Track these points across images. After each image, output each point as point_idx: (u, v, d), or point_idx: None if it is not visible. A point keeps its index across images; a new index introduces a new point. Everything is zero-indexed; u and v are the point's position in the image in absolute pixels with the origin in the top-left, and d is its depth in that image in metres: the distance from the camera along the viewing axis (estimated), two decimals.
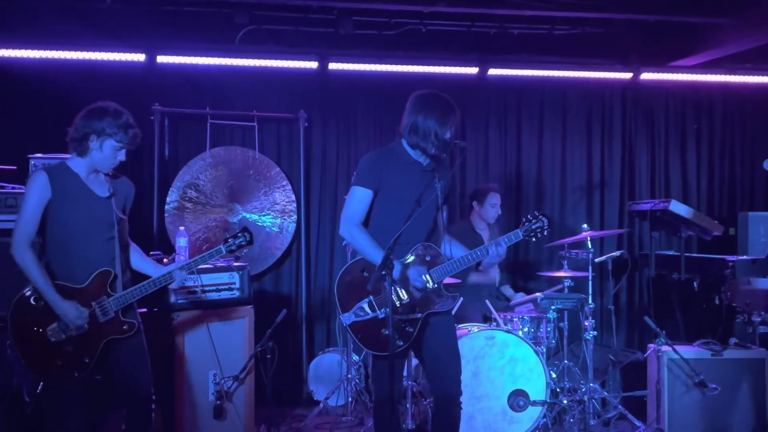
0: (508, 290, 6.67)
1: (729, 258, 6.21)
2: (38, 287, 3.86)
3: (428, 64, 6.76)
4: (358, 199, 4.12)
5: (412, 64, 6.74)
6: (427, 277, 4.05)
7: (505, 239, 4.16)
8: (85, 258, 3.95)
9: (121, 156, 4.01)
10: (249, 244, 4.29)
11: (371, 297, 4.01)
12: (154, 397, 4.12)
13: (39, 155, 5.27)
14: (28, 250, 3.85)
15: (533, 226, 4.20)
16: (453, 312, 4.33)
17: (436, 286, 4.08)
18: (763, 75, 7.22)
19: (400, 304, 4.04)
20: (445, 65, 6.79)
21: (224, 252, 4.24)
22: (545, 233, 4.22)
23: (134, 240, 4.42)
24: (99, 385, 4.12)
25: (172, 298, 5.07)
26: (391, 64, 6.73)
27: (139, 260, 4.30)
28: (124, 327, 4.01)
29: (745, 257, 6.31)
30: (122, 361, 4.03)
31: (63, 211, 3.91)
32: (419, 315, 4.06)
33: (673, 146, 7.55)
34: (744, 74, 7.21)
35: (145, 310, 5.04)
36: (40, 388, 3.97)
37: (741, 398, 5.41)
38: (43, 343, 3.91)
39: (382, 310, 3.92)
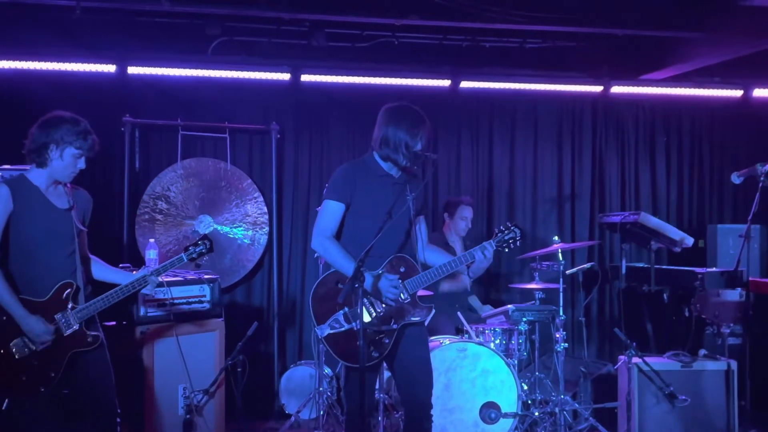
0: (475, 302, 6.66)
1: (698, 270, 6.27)
2: (3, 302, 3.81)
3: (401, 77, 6.79)
4: (330, 212, 4.11)
5: (385, 76, 6.77)
6: (402, 287, 4.03)
7: (478, 250, 4.15)
8: (48, 271, 3.91)
9: (81, 164, 3.98)
10: (209, 252, 4.29)
11: (346, 309, 4.00)
12: (119, 410, 4.07)
13: (7, 166, 5.20)
14: None
15: (506, 237, 4.19)
16: (425, 323, 4.31)
17: (410, 298, 4.07)
18: (730, 89, 7.34)
19: (375, 315, 4.03)
20: (417, 78, 6.82)
21: (185, 260, 4.23)
22: (518, 244, 4.22)
23: (103, 252, 4.38)
24: (65, 400, 4.06)
25: (142, 311, 5.02)
26: (363, 76, 6.75)
27: (103, 271, 4.26)
28: (89, 339, 3.97)
29: (714, 269, 6.38)
30: (86, 375, 3.98)
31: (25, 224, 3.87)
32: (395, 326, 4.05)
33: (642, 159, 7.62)
34: (712, 88, 7.33)
35: (114, 323, 4.99)
36: (5, 404, 3.89)
37: (710, 409, 5.44)
38: (7, 359, 3.85)
39: (357, 321, 3.90)
